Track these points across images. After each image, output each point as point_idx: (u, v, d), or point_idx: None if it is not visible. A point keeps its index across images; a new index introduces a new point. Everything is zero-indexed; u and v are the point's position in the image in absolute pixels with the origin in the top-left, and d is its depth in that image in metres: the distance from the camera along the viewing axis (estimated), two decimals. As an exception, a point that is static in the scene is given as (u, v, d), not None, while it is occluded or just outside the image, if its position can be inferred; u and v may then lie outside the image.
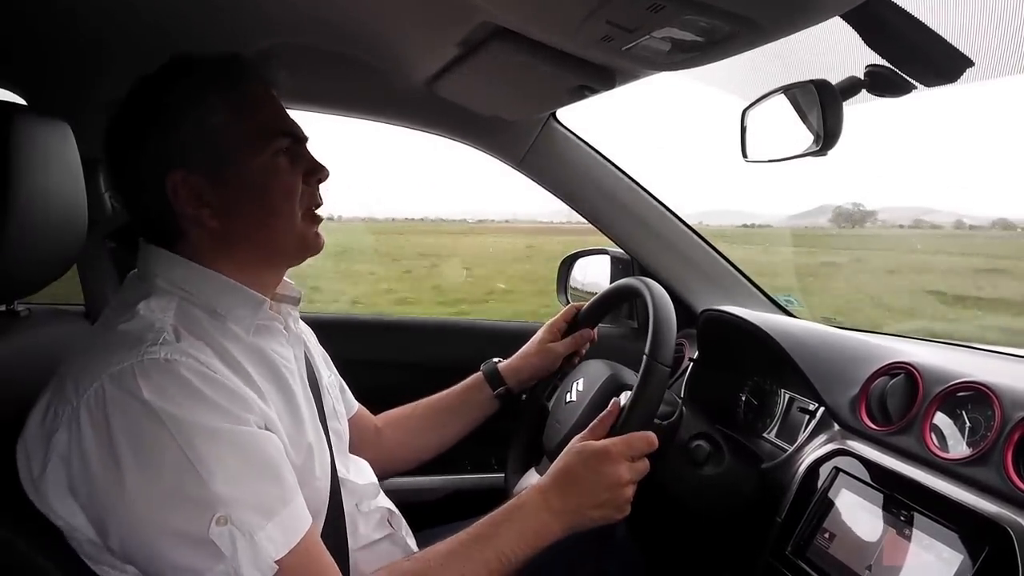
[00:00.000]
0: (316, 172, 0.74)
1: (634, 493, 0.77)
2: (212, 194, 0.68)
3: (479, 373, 1.08)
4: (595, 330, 1.11)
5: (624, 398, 0.83)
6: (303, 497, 0.64)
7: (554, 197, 1.36)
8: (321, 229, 0.77)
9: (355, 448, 0.96)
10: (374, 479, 0.91)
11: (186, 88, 0.68)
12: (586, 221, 1.38)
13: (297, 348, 0.78)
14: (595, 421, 0.82)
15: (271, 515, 0.59)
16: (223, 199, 0.68)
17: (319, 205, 0.76)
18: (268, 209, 0.70)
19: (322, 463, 0.73)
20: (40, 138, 0.71)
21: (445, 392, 1.08)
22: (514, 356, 1.09)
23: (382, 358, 1.41)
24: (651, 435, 0.78)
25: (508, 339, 1.16)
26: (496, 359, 1.09)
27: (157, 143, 0.67)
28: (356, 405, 1.04)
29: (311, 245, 0.75)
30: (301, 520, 0.62)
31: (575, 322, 1.10)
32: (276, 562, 0.58)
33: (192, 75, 0.69)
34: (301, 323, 0.86)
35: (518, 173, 1.35)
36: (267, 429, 0.64)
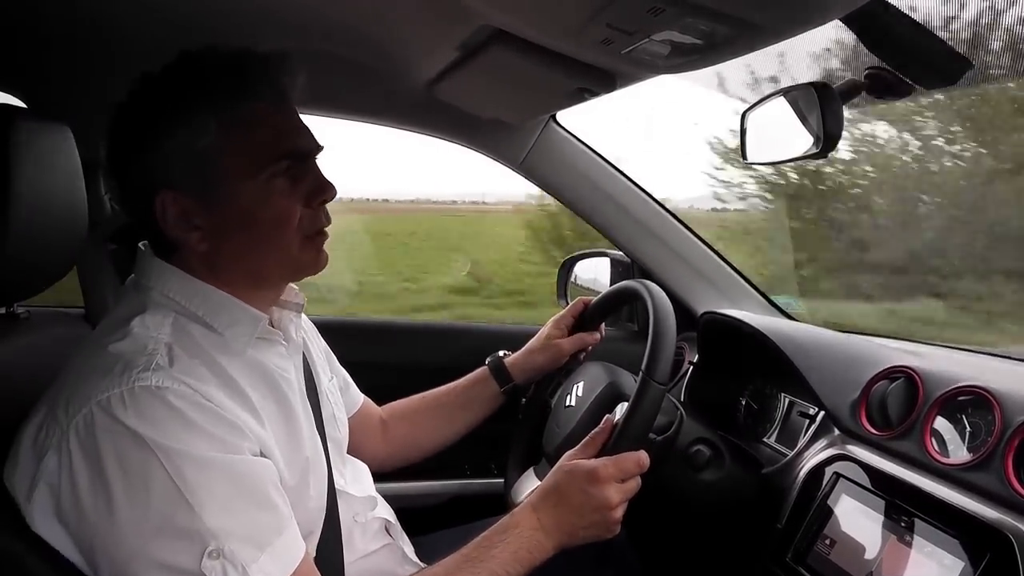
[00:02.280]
0: (320, 194, 0.69)
1: (626, 510, 0.77)
2: (201, 218, 0.65)
3: (484, 368, 1.07)
4: (601, 327, 1.10)
5: (619, 411, 0.83)
6: (298, 514, 0.64)
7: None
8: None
9: (361, 441, 0.95)
10: (372, 490, 0.90)
11: (180, 103, 0.64)
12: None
13: (297, 357, 0.77)
14: (587, 438, 0.81)
15: (264, 546, 0.58)
16: (213, 224, 0.65)
17: (324, 227, 0.71)
18: (260, 237, 0.67)
19: (318, 477, 0.72)
20: (40, 140, 0.71)
21: (451, 385, 1.08)
22: (520, 351, 1.08)
23: (383, 360, 1.40)
24: (642, 456, 0.77)
25: (510, 341, 1.15)
26: (502, 352, 1.09)
27: (146, 159, 0.65)
28: (361, 398, 1.03)
29: (308, 268, 0.71)
30: (295, 549, 0.61)
31: (583, 317, 1.09)
32: None
33: (189, 86, 0.65)
34: (305, 322, 0.85)
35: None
36: (262, 454, 0.62)
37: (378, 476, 0.95)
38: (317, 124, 0.73)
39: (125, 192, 0.69)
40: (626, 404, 0.82)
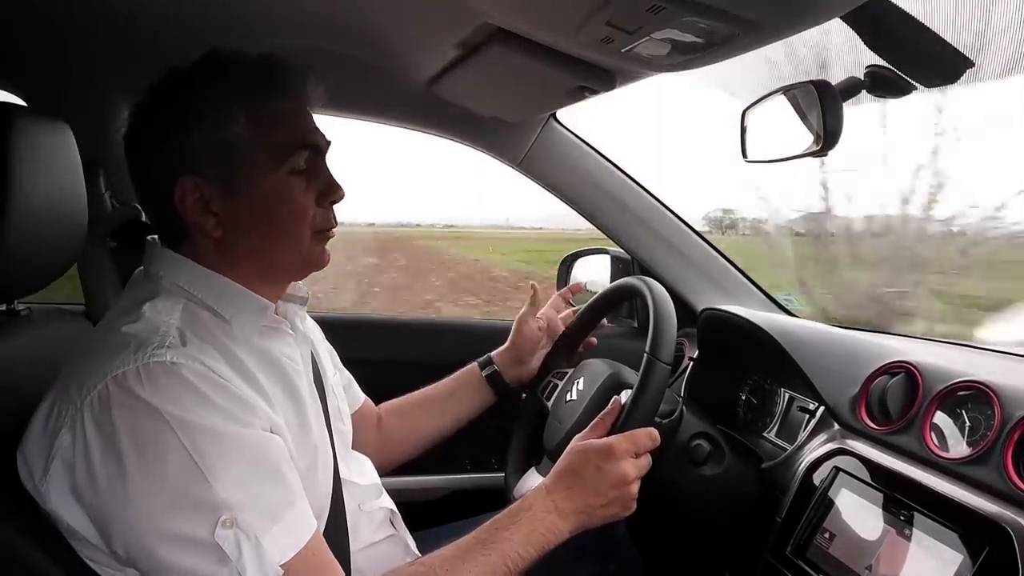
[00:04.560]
0: (331, 193, 0.72)
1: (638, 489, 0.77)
2: (220, 205, 0.67)
3: (474, 363, 1.10)
4: (596, 330, 1.11)
5: (625, 396, 0.83)
6: (307, 499, 0.64)
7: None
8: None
9: (358, 440, 0.96)
10: (376, 479, 0.91)
11: (210, 92, 0.66)
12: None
13: (304, 348, 0.78)
14: (596, 419, 0.81)
15: (277, 519, 0.58)
16: (230, 211, 0.67)
17: (332, 227, 0.74)
18: (276, 228, 0.69)
19: (325, 465, 0.73)
20: (40, 138, 0.71)
21: (442, 381, 1.10)
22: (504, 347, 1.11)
23: (382, 357, 1.41)
24: (654, 431, 0.78)
25: (508, 338, 1.16)
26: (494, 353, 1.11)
27: (172, 144, 0.66)
28: (362, 398, 1.04)
29: (316, 263, 0.73)
30: (306, 523, 0.62)
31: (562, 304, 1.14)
32: (281, 566, 0.58)
33: (221, 79, 0.67)
34: (309, 320, 0.86)
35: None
36: (272, 433, 0.63)
37: (379, 471, 0.96)
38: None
39: (144, 175, 0.69)
40: (630, 391, 0.83)
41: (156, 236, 0.73)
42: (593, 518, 0.75)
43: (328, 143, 0.74)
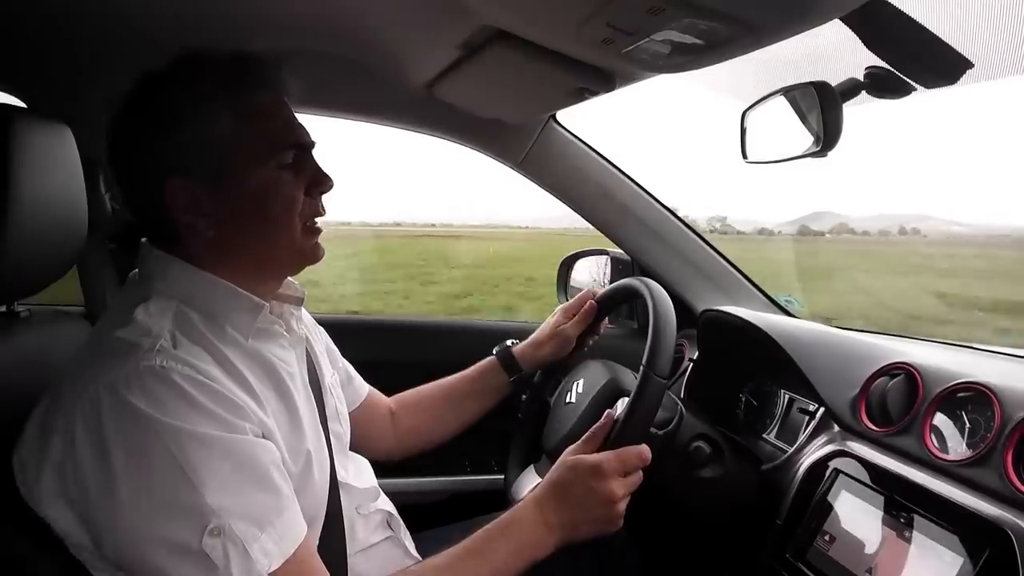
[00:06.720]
0: (320, 184, 0.73)
1: (627, 505, 0.77)
2: (210, 204, 0.66)
3: (493, 358, 1.07)
4: (604, 322, 1.10)
5: (620, 407, 0.83)
6: (301, 503, 0.64)
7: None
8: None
9: (369, 432, 0.95)
10: (374, 481, 0.91)
11: (191, 92, 0.66)
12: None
13: (299, 349, 0.77)
14: (588, 433, 0.81)
15: (265, 526, 0.58)
16: (221, 210, 0.67)
17: (320, 216, 0.74)
18: (267, 222, 0.69)
19: (321, 468, 0.73)
20: (40, 140, 0.71)
21: (460, 375, 1.08)
22: (527, 341, 1.08)
23: (383, 358, 1.40)
24: (644, 449, 0.78)
25: (512, 338, 1.16)
26: (509, 341, 1.09)
27: (157, 148, 0.66)
28: (367, 389, 1.04)
29: (309, 256, 0.73)
30: (296, 530, 0.62)
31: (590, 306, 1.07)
32: (270, 574, 0.58)
33: (199, 78, 0.67)
34: (307, 319, 0.86)
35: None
36: (264, 437, 0.63)
37: (378, 471, 0.96)
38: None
39: (132, 180, 0.69)
40: (626, 399, 0.83)
41: (147, 238, 0.72)
42: (578, 533, 0.75)
43: (313, 143, 0.74)
